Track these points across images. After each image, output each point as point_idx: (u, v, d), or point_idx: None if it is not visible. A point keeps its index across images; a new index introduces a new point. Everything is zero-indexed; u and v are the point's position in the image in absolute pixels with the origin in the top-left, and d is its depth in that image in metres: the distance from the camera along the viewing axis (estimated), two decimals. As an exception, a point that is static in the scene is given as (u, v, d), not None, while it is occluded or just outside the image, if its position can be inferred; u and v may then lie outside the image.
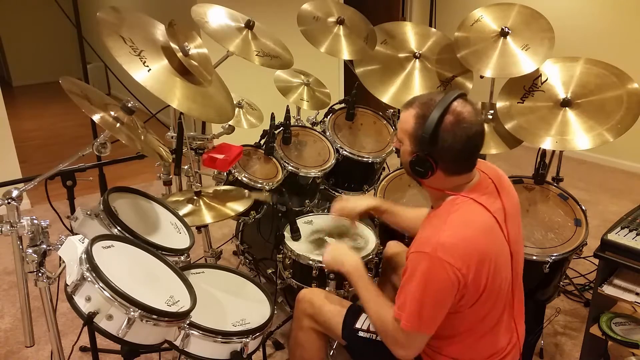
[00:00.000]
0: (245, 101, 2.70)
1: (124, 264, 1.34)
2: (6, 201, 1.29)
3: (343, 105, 2.65)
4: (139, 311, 1.19)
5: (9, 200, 1.29)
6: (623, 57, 3.51)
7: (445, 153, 1.27)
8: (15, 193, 1.30)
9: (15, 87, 7.80)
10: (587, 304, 2.52)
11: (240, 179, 2.18)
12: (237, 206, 1.90)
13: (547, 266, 1.88)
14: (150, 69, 1.48)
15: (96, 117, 1.36)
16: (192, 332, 1.38)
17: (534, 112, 2.19)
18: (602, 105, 2.11)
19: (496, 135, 2.29)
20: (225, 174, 2.19)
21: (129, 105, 1.43)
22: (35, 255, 1.32)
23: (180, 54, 1.57)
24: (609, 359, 1.98)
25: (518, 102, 2.24)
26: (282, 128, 2.43)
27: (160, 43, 1.62)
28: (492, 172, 1.41)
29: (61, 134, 5.62)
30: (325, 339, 1.64)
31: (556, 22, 2.32)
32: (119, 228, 1.43)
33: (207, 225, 2.01)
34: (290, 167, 2.33)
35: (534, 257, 1.89)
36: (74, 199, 1.82)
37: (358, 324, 1.52)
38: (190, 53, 1.61)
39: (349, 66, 2.62)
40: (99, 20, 1.48)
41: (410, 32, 2.63)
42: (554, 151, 2.32)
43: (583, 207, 2.04)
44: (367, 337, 1.50)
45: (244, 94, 2.72)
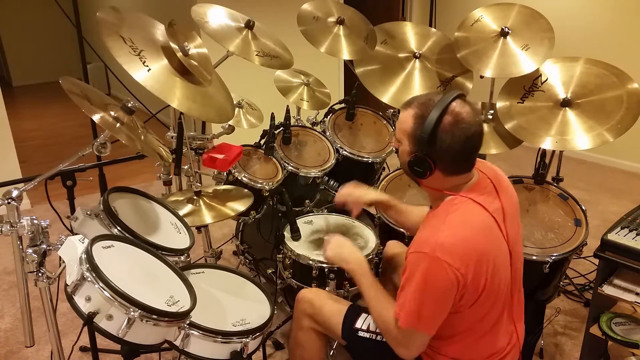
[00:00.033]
0: (245, 101, 2.70)
1: (124, 264, 1.34)
2: (6, 201, 1.29)
3: (343, 105, 2.65)
4: (139, 311, 1.19)
5: (9, 200, 1.29)
6: (623, 57, 3.51)
7: (444, 153, 1.27)
8: (15, 193, 1.30)
9: (15, 87, 7.80)
10: (587, 304, 2.52)
11: (240, 179, 2.18)
12: (237, 206, 1.90)
13: (547, 266, 1.88)
14: (150, 69, 1.47)
15: (96, 117, 1.36)
16: (192, 332, 1.38)
17: (534, 112, 2.19)
18: (602, 105, 2.11)
19: (496, 135, 2.29)
20: (225, 174, 2.19)
21: (129, 105, 1.43)
22: (35, 255, 1.32)
23: (180, 54, 1.57)
24: (609, 359, 1.98)
25: (518, 102, 2.24)
26: (282, 128, 2.43)
27: (160, 43, 1.62)
28: (491, 172, 1.41)
29: (61, 134, 5.62)
30: (325, 339, 1.64)
31: (556, 22, 2.32)
32: (119, 228, 1.43)
33: (207, 225, 2.02)
34: (290, 167, 2.33)
35: (534, 257, 1.89)
36: (74, 199, 1.82)
37: (358, 324, 1.52)
38: (190, 53, 1.61)
39: (349, 66, 2.62)
40: (99, 20, 1.48)
41: (410, 32, 2.63)
42: (554, 151, 2.32)
43: (583, 207, 2.04)
44: (367, 337, 1.50)
45: (244, 94, 2.72)
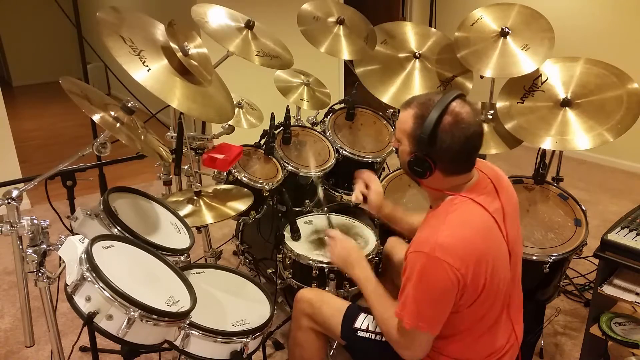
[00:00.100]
0: (245, 101, 2.70)
1: (124, 264, 1.34)
2: (6, 201, 1.29)
3: (343, 105, 2.65)
4: (139, 311, 1.19)
5: (9, 200, 1.29)
6: (623, 57, 3.51)
7: (444, 153, 1.27)
8: (15, 193, 1.30)
9: (15, 87, 7.80)
10: (587, 304, 2.52)
11: (240, 178, 2.18)
12: (237, 206, 1.90)
13: (547, 266, 1.88)
14: (150, 69, 1.47)
15: (96, 117, 1.36)
16: (192, 332, 1.38)
17: (534, 112, 2.19)
18: (602, 105, 2.11)
19: (496, 135, 2.29)
20: (225, 174, 2.19)
21: (129, 105, 1.43)
22: (35, 255, 1.32)
23: (180, 54, 1.57)
24: (609, 359, 1.98)
25: (518, 102, 2.24)
26: (282, 128, 2.43)
27: (160, 43, 1.62)
28: (491, 172, 1.41)
29: (61, 134, 5.62)
30: (325, 339, 1.64)
31: (556, 22, 2.31)
32: (119, 228, 1.43)
33: (207, 225, 2.02)
34: (290, 167, 2.33)
35: (534, 257, 1.89)
36: (74, 199, 1.82)
37: (357, 324, 1.52)
38: (190, 53, 1.61)
39: (349, 66, 2.62)
40: (99, 20, 1.48)
41: (410, 32, 2.63)
42: (554, 151, 2.32)
43: (583, 207, 2.04)
44: (367, 337, 1.50)
45: (244, 94, 2.72)
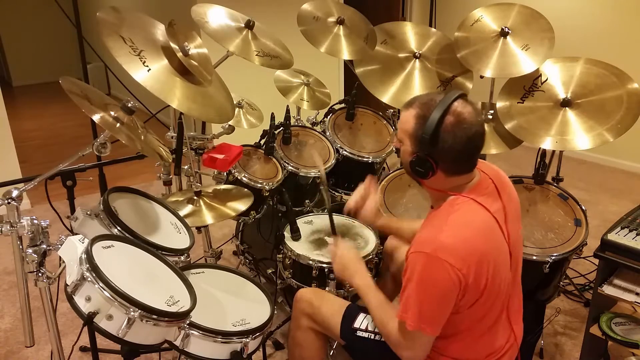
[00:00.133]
0: (245, 101, 2.70)
1: (124, 264, 1.34)
2: (6, 201, 1.29)
3: (343, 105, 2.65)
4: (139, 311, 1.19)
5: (9, 200, 1.29)
6: (623, 57, 3.51)
7: (446, 154, 1.26)
8: (15, 193, 1.30)
9: (15, 87, 7.80)
10: (587, 304, 2.52)
11: (240, 179, 2.18)
12: (237, 206, 1.90)
13: (547, 266, 1.88)
14: (150, 69, 1.47)
15: (96, 117, 1.36)
16: (192, 332, 1.38)
17: (534, 112, 2.19)
18: (602, 105, 2.11)
19: (496, 135, 2.29)
20: (225, 174, 2.19)
21: (129, 105, 1.43)
22: (35, 255, 1.32)
23: (180, 54, 1.57)
24: (609, 359, 1.98)
25: (518, 102, 2.24)
26: (282, 128, 2.43)
27: (160, 43, 1.62)
28: (493, 173, 1.41)
29: (61, 134, 5.62)
30: (325, 339, 1.64)
31: (556, 22, 2.31)
32: (119, 228, 1.43)
33: (207, 225, 2.01)
34: (290, 167, 2.33)
35: (534, 257, 1.89)
36: (74, 199, 1.82)
37: (356, 324, 1.52)
38: (190, 53, 1.61)
39: (349, 66, 2.62)
40: (99, 20, 1.48)
41: (410, 32, 2.63)
42: (554, 151, 2.32)
43: (583, 207, 2.04)
44: (366, 337, 1.49)
45: (244, 94, 2.72)
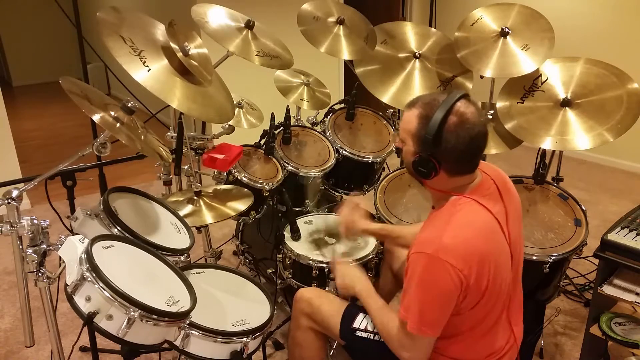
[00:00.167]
0: (245, 101, 2.70)
1: (124, 264, 1.34)
2: (6, 201, 1.29)
3: (343, 105, 2.65)
4: (139, 311, 1.19)
5: (9, 200, 1.29)
6: (623, 57, 3.51)
7: (449, 154, 1.26)
8: (15, 193, 1.30)
9: (15, 87, 7.80)
10: (587, 304, 2.52)
11: (240, 179, 2.18)
12: (237, 206, 1.90)
13: (547, 266, 1.88)
14: (150, 69, 1.47)
15: (96, 117, 1.36)
16: (192, 332, 1.38)
17: (534, 112, 2.19)
18: (602, 105, 2.11)
19: (496, 135, 2.29)
20: (225, 174, 2.19)
21: (129, 105, 1.43)
22: (35, 255, 1.32)
23: (180, 54, 1.57)
24: (609, 359, 1.98)
25: (518, 102, 2.24)
26: (282, 128, 2.43)
27: (160, 43, 1.62)
28: (495, 174, 1.41)
29: (61, 134, 5.62)
30: (324, 339, 1.64)
31: (556, 22, 2.31)
32: (119, 228, 1.43)
33: (207, 225, 2.01)
34: (290, 167, 2.33)
35: (534, 257, 1.89)
36: (74, 199, 1.82)
37: (356, 324, 1.52)
38: (190, 53, 1.61)
39: (349, 66, 2.62)
40: (99, 20, 1.48)
41: (410, 32, 2.63)
42: (554, 151, 2.32)
43: (583, 207, 2.04)
44: (365, 337, 1.49)
45: (244, 94, 2.72)
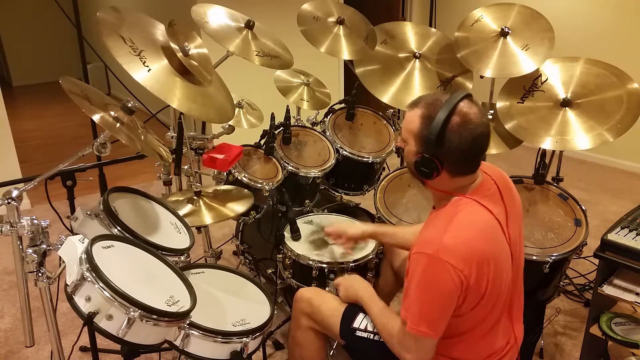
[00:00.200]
0: (245, 101, 2.70)
1: (124, 264, 1.34)
2: (6, 201, 1.29)
3: (343, 105, 2.64)
4: (139, 311, 1.19)
5: (9, 200, 1.29)
6: (623, 57, 3.51)
7: (451, 154, 1.26)
8: (15, 193, 1.30)
9: (15, 87, 7.80)
10: (587, 304, 2.52)
11: (240, 179, 2.18)
12: (237, 206, 1.90)
13: (547, 266, 1.88)
14: (150, 69, 1.47)
15: (96, 117, 1.36)
16: (192, 332, 1.38)
17: (534, 112, 2.19)
18: (602, 105, 2.11)
19: (496, 135, 2.29)
20: (225, 174, 2.19)
21: (129, 105, 1.43)
22: (35, 255, 1.32)
23: (180, 54, 1.57)
24: (609, 359, 1.98)
25: (518, 102, 2.24)
26: (282, 128, 2.43)
27: (160, 43, 1.62)
28: (496, 174, 1.41)
29: (61, 134, 5.62)
30: (324, 339, 1.64)
31: (556, 22, 2.31)
32: (119, 228, 1.43)
33: (207, 225, 2.01)
34: (290, 167, 2.32)
35: (534, 257, 1.89)
36: (74, 199, 1.82)
37: (356, 324, 1.52)
38: (190, 53, 1.61)
39: (349, 66, 2.62)
40: (99, 20, 1.48)
41: (410, 32, 2.63)
42: (554, 151, 2.32)
43: (583, 207, 2.04)
44: (365, 337, 1.49)
45: (244, 94, 2.72)
